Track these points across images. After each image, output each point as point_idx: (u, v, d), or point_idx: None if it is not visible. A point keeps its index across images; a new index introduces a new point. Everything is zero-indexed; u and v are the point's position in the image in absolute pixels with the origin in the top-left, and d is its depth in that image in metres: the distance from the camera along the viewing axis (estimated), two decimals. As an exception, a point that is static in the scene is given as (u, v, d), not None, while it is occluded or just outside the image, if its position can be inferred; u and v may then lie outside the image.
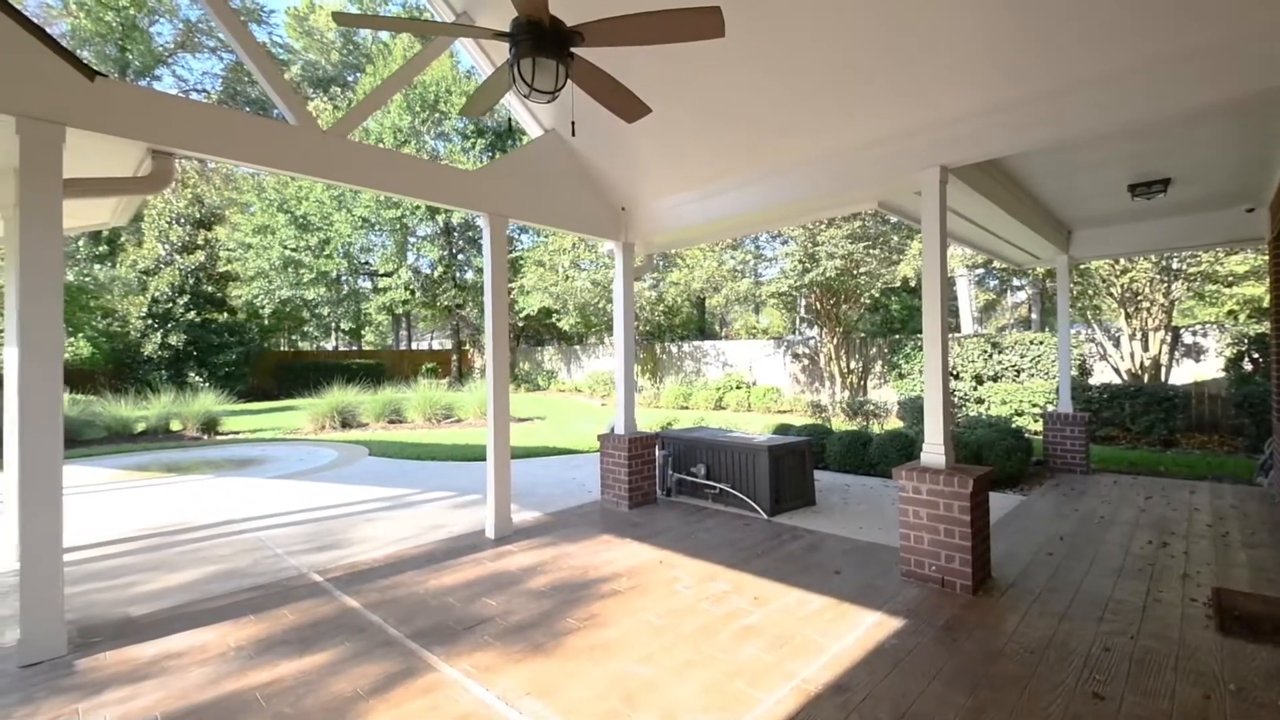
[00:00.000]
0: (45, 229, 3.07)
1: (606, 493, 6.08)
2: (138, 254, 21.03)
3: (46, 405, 3.09)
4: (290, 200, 21.33)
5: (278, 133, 3.88)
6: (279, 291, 21.50)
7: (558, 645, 3.10)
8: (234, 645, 3.17)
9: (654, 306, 18.98)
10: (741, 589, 3.81)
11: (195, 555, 4.71)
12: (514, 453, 9.41)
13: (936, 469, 3.79)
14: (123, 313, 20.28)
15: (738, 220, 5.42)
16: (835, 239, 12.46)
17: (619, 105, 2.77)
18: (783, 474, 5.72)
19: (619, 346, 6.15)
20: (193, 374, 20.16)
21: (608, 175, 5.70)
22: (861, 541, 4.76)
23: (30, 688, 2.75)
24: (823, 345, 15.56)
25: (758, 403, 16.01)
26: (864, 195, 4.64)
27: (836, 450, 7.66)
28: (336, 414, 12.64)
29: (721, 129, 4.69)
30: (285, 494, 6.87)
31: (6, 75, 2.91)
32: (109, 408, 12.75)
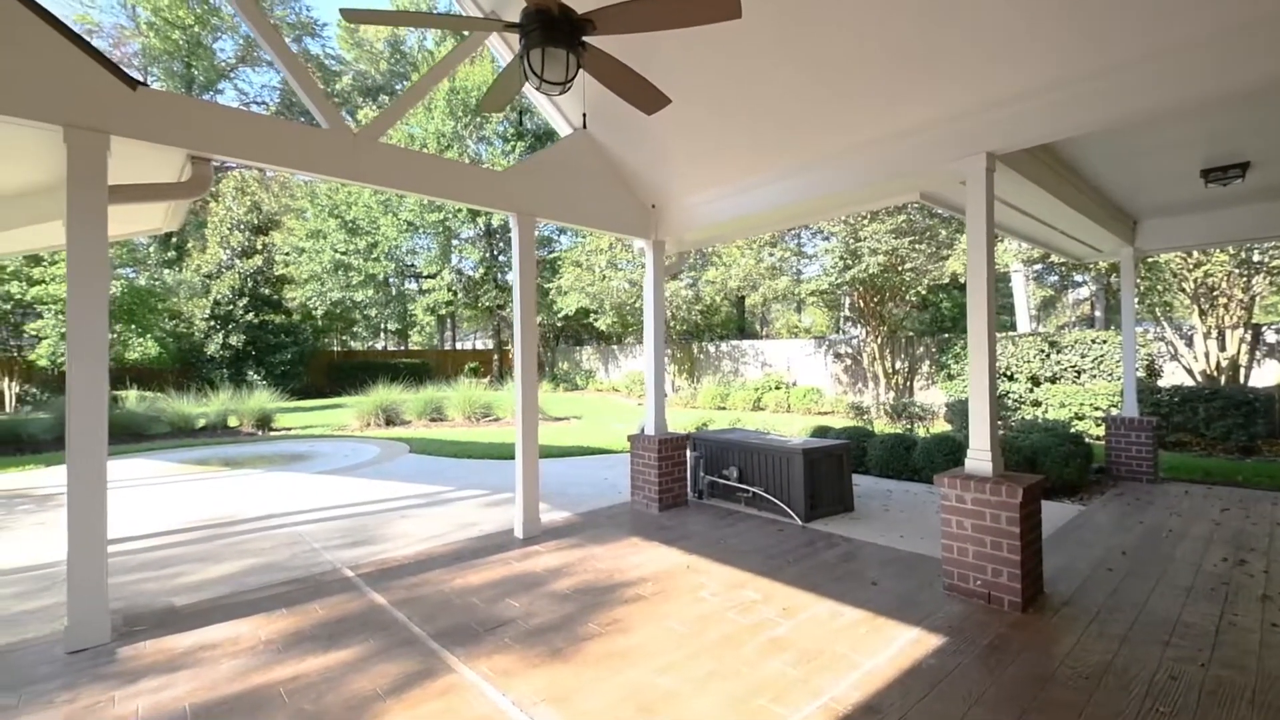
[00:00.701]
0: (91, 233, 3.20)
1: (636, 494, 6.01)
2: (201, 259, 22.23)
3: (92, 404, 3.22)
4: (340, 205, 22.14)
5: (310, 137, 3.96)
6: (330, 293, 22.36)
7: (577, 651, 3.04)
8: (264, 638, 3.23)
9: (691, 306, 18.80)
10: (770, 598, 3.67)
11: (238, 548, 4.87)
12: (548, 452, 9.47)
13: (983, 476, 3.55)
14: (188, 314, 21.50)
15: (772, 215, 5.25)
16: (878, 234, 12.01)
17: (637, 96, 2.69)
18: (818, 478, 5.51)
19: (649, 346, 6.06)
20: (251, 373, 21.18)
21: (638, 172, 5.62)
22: (902, 551, 4.52)
23: (73, 673, 2.87)
24: (866, 345, 15.07)
25: (797, 404, 15.64)
26: (904, 186, 4.41)
27: (878, 454, 7.36)
28: (381, 412, 13.00)
29: (754, 122, 4.55)
30: (327, 489, 7.08)
31: (54, 87, 3.05)
32: (173, 404, 13.48)
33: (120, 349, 18.51)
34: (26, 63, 2.99)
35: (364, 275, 22.19)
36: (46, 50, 3.04)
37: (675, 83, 4.46)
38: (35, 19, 3.01)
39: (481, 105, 2.91)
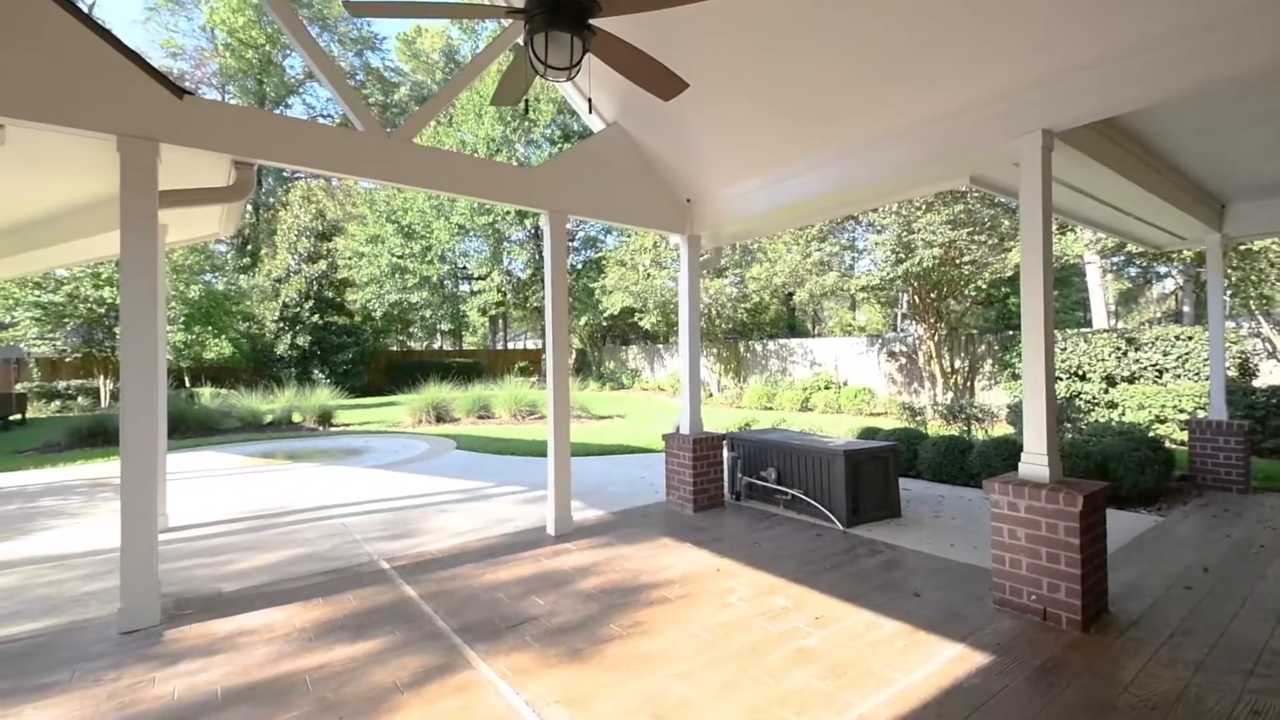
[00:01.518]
0: (143, 236, 3.37)
1: (671, 494, 5.91)
2: (272, 264, 23.61)
3: (144, 401, 3.39)
4: (397, 211, 23.03)
5: (345, 139, 4.07)
6: (388, 295, 23.29)
7: (596, 652, 2.97)
8: (298, 626, 3.33)
9: (736, 304, 18.48)
10: (802, 606, 3.49)
11: (286, 537, 5.08)
12: (588, 450, 9.49)
13: (1038, 483, 3.27)
14: (260, 317, 22.87)
15: (811, 205, 5.03)
16: (933, 225, 11.39)
17: (652, 81, 2.59)
18: (862, 481, 5.25)
19: (684, 343, 5.94)
20: (317, 371, 22.31)
21: (672, 166, 5.52)
22: (950, 561, 4.24)
23: (122, 653, 3.03)
24: (922, 343, 14.38)
25: (848, 404, 15.11)
26: (952, 171, 4.12)
27: (930, 457, 6.97)
28: (432, 409, 13.40)
29: (790, 108, 4.36)
30: (376, 483, 7.32)
31: (107, 98, 3.23)
32: (243, 401, 14.34)
33: (198, 349, 19.85)
34: (83, 77, 3.18)
35: (419, 278, 23.01)
36: (100, 64, 3.22)
37: (706, 73, 4.35)
38: (89, 33, 3.20)
39: (494, 99, 2.89)
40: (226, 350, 21.27)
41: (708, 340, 20.31)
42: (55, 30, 3.12)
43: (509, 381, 16.72)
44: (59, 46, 3.13)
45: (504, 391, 14.19)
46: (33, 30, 3.07)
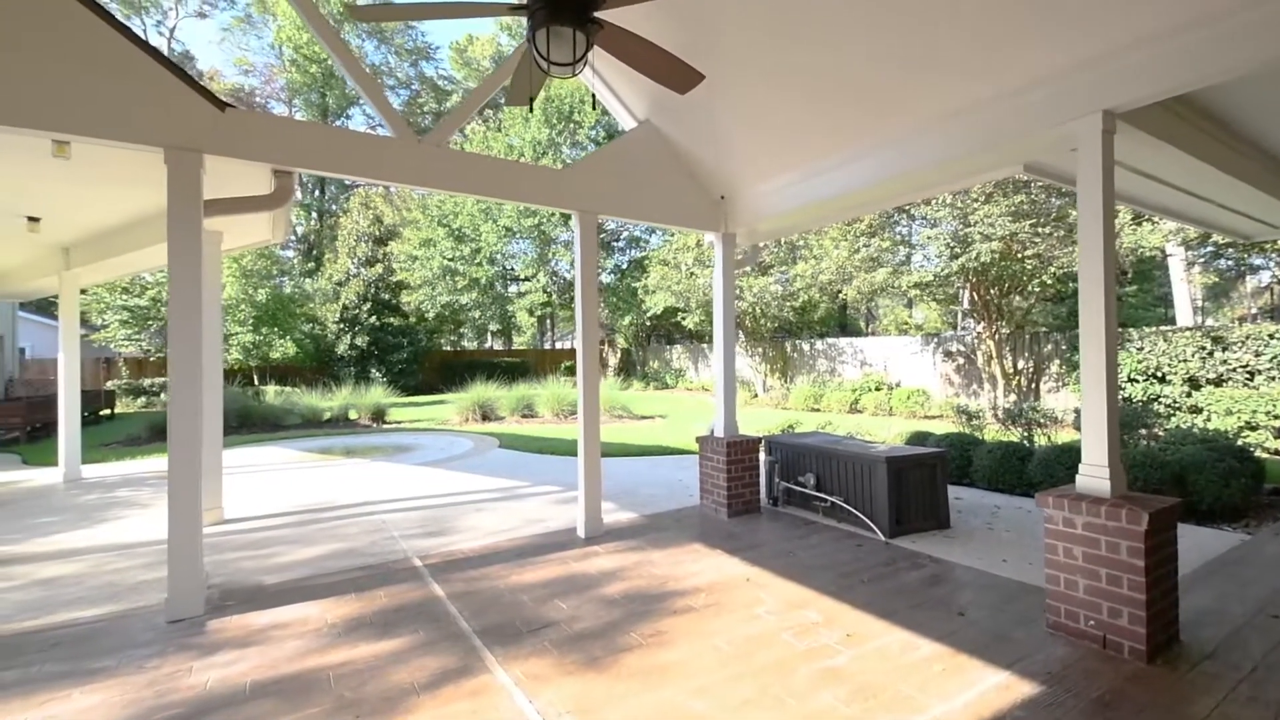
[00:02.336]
0: (189, 242, 3.53)
1: (705, 498, 5.78)
2: (333, 268, 24.75)
3: (188, 400, 3.55)
4: (448, 215, 23.72)
5: (378, 146, 4.16)
6: (439, 297, 24.01)
7: (613, 661, 2.91)
8: (329, 621, 3.41)
9: (782, 302, 18.05)
10: (834, 621, 3.32)
11: (329, 532, 5.25)
12: (627, 450, 9.45)
13: (1097, 497, 2.99)
14: (322, 318, 24.01)
15: (852, 199, 4.79)
16: (991, 217, 10.73)
17: (666, 74, 2.50)
18: (906, 489, 4.98)
19: (718, 343, 5.80)
20: (374, 370, 23.22)
21: (705, 162, 5.39)
22: (1002, 578, 3.95)
23: (166, 642, 3.18)
24: (981, 342, 13.64)
25: (900, 406, 14.49)
26: (1003, 159, 3.83)
27: (986, 464, 6.57)
28: (478, 407, 13.70)
29: (827, 97, 4.16)
30: (419, 480, 7.51)
31: (155, 113, 3.40)
32: (304, 398, 15.07)
33: (265, 349, 21.01)
34: (134, 93, 3.36)
35: (468, 279, 23.61)
36: (149, 80, 3.40)
37: (740, 66, 4.22)
38: (138, 51, 3.37)
39: (508, 100, 2.87)
40: (291, 350, 22.43)
41: (753, 339, 19.95)
42: (109, 51, 3.31)
43: (553, 381, 16.93)
44: (113, 66, 3.31)
45: (547, 391, 14.35)
46: (90, 52, 3.26)
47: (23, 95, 3.11)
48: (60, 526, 5.47)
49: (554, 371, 23.10)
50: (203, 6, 30.97)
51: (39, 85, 3.14)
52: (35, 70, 3.12)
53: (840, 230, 13.42)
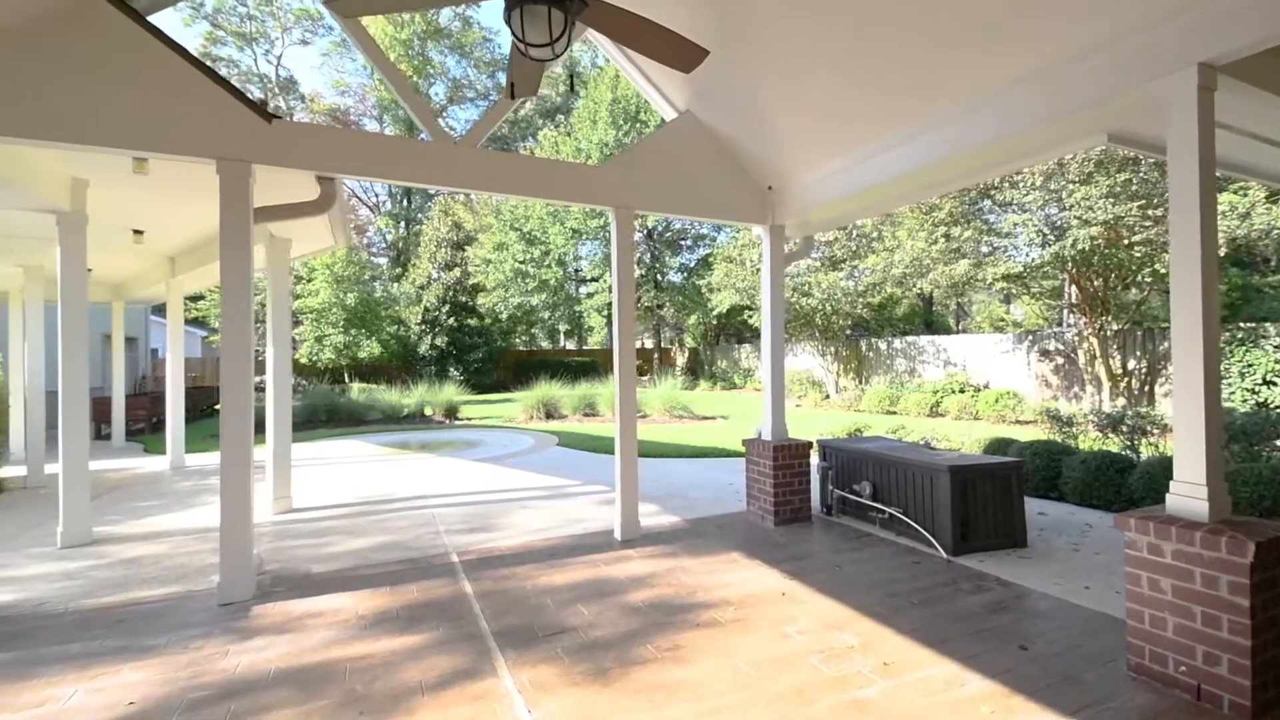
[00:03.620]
0: (239, 248, 3.74)
1: (752, 505, 5.52)
2: (416, 273, 26.21)
3: (240, 397, 3.76)
4: (520, 219, 24.45)
5: (416, 150, 4.25)
6: (512, 299, 24.82)
7: (623, 675, 2.77)
8: (359, 613, 3.50)
9: (855, 298, 17.14)
10: (872, 646, 3.02)
11: (381, 524, 5.46)
12: (682, 452, 9.27)
13: (1191, 521, 2.52)
14: (406, 320, 25.48)
15: (912, 181, 4.37)
16: (1090, 199, 9.58)
17: (666, 53, 2.33)
18: (974, 502, 4.51)
19: (766, 341, 5.51)
20: (453, 369, 24.38)
21: (751, 151, 5.14)
22: (1081, 608, 3.46)
23: (213, 624, 3.38)
24: (1083, 339, 12.30)
25: (986, 410, 13.35)
26: (1082, 128, 3.34)
27: (1077, 477, 5.86)
28: (542, 406, 13.99)
29: (882, 76, 3.80)
30: (475, 475, 7.71)
31: (208, 127, 3.63)
32: (385, 395, 16.00)
33: (354, 349, 22.55)
34: (191, 110, 3.60)
35: (537, 281, 24.24)
36: (202, 95, 3.63)
37: (787, 47, 3.97)
38: (194, 70, 3.61)
39: (509, 94, 2.80)
40: (377, 350, 23.95)
41: (825, 338, 19.13)
42: (170, 72, 3.56)
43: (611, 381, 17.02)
44: (173, 87, 3.56)
45: (608, 390, 14.42)
46: (155, 75, 3.52)
47: (105, 119, 3.40)
48: (155, 510, 6.04)
49: (622, 371, 23.26)
50: (305, 35, 33.72)
51: (115, 109, 3.42)
52: (112, 95, 3.41)
53: (917, 219, 12.52)
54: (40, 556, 4.57)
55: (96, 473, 8.04)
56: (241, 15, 31.45)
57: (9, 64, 3.24)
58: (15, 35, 3.24)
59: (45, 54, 3.30)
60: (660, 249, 24.97)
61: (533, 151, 31.47)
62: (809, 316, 18.29)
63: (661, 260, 25.20)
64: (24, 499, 6.61)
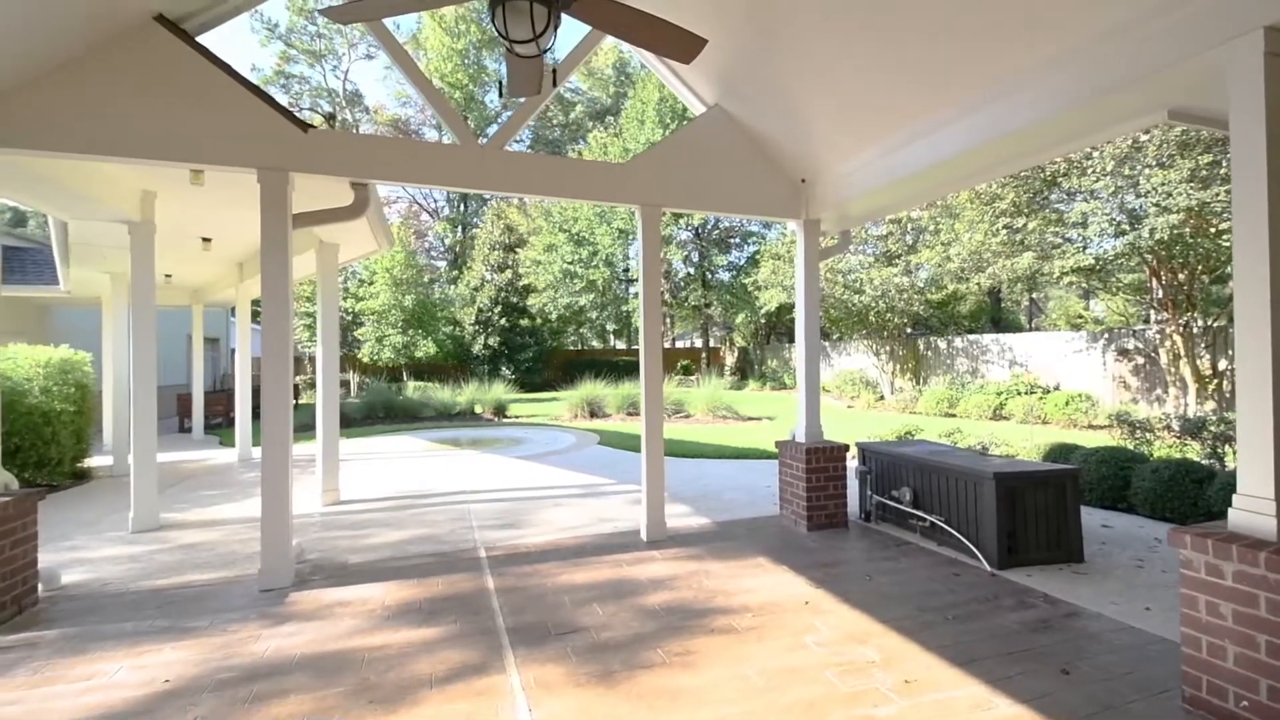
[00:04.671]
0: (279, 254, 3.93)
1: (785, 508, 5.36)
2: (470, 274, 27.02)
3: (279, 396, 3.95)
4: (568, 220, 24.80)
5: (443, 153, 4.35)
6: (560, 299, 25.21)
7: (628, 678, 2.74)
8: (385, 604, 3.61)
9: (911, 294, 16.40)
10: (895, 662, 2.85)
11: (419, 518, 5.64)
12: (722, 453, 9.13)
13: (1256, 539, 2.25)
14: (461, 320, 26.32)
15: (954, 168, 4.07)
16: (1169, 184, 8.74)
17: (664, 45, 2.26)
18: (1023, 512, 4.21)
19: (800, 340, 5.34)
20: (504, 368, 25.00)
21: (782, 144, 4.98)
22: (1138, 631, 3.16)
23: (251, 609, 3.56)
24: (1165, 338, 11.30)
25: (1055, 413, 12.49)
26: (1137, 104, 3.04)
27: (1148, 487, 5.39)
28: (586, 404, 14.13)
29: (921, 55, 3.57)
30: (515, 472, 7.85)
31: (249, 138, 3.83)
32: (438, 393, 16.58)
33: (411, 349, 23.48)
34: (236, 123, 3.81)
35: (585, 282, 24.51)
36: (243, 108, 3.83)
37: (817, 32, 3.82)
38: (238, 85, 3.82)
39: (509, 93, 2.80)
40: (432, 350, 24.85)
41: (879, 337, 18.42)
42: (218, 88, 3.79)
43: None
44: (221, 101, 3.79)
45: (653, 390, 14.40)
46: (203, 92, 3.75)
47: (163, 134, 3.66)
48: (218, 499, 6.47)
49: (670, 370, 23.21)
50: (369, 49, 35.36)
51: (171, 125, 3.67)
52: (168, 112, 3.66)
53: (977, 210, 11.84)
54: (113, 540, 4.97)
55: (173, 463, 8.71)
56: (311, 34, 33.30)
57: (84, 89, 3.53)
58: (84, 62, 3.52)
59: (111, 78, 3.57)
60: (708, 247, 24.73)
61: (579, 154, 31.84)
62: (862, 314, 17.66)
63: (709, 258, 24.96)
64: (110, 486, 7.22)
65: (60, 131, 3.48)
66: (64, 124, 3.49)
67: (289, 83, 34.35)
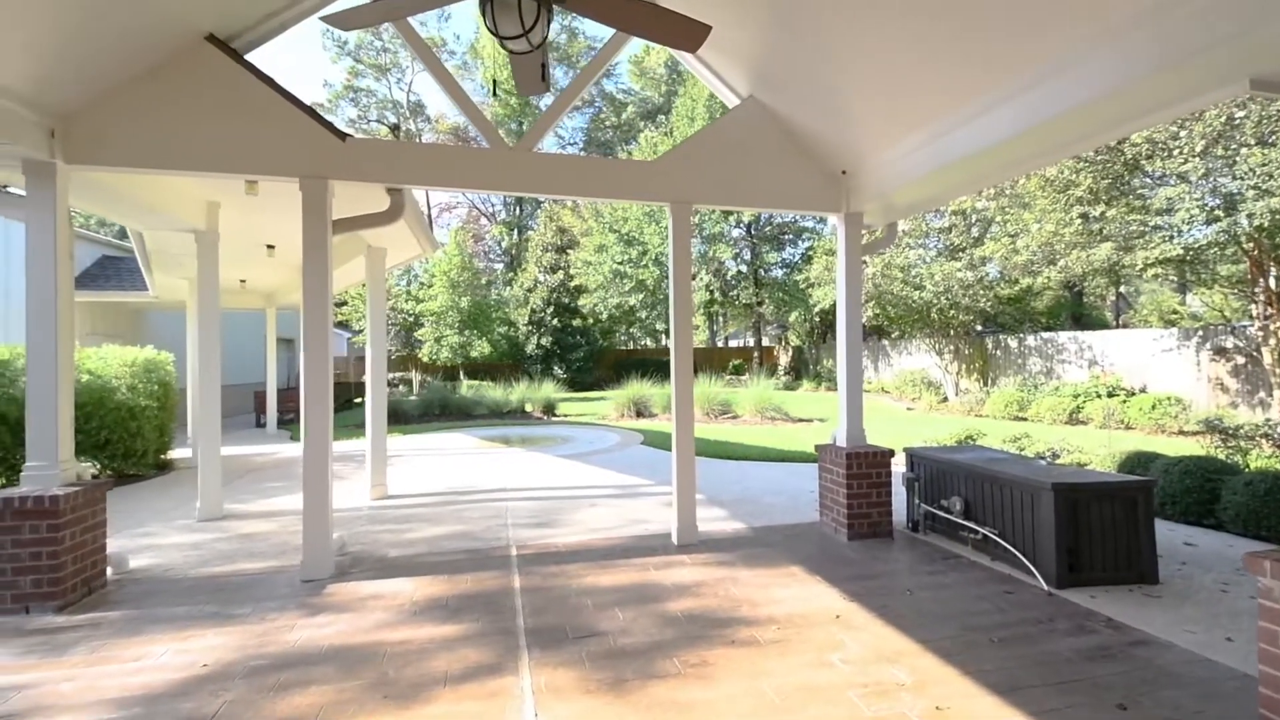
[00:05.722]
0: (320, 258, 4.10)
1: (825, 515, 5.14)
2: (524, 276, 27.62)
3: (319, 395, 4.12)
4: (618, 221, 24.92)
5: (473, 157, 4.42)
6: (611, 299, 25.37)
7: (639, 688, 2.67)
8: (413, 599, 3.70)
9: (977, 290, 15.46)
10: (927, 686, 2.65)
11: (458, 514, 5.77)
12: (767, 455, 8.91)
13: (1357, 571, 1.94)
14: (515, 321, 26.94)
15: (1010, 151, 3.69)
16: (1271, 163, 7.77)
17: (666, 34, 2.17)
18: (1086, 527, 3.85)
19: (841, 338, 5.10)
20: (556, 367, 25.41)
21: (820, 134, 4.77)
22: (1217, 664, 2.82)
23: (291, 598, 3.72)
24: (1270, 335, 10.14)
25: (1140, 418, 11.46)
26: (1216, 73, 2.69)
27: (1240, 502, 4.84)
28: (632, 404, 14.13)
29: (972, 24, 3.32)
30: (555, 470, 7.93)
31: (291, 148, 4.01)
32: (491, 392, 17.02)
33: (466, 349, 24.22)
34: (280, 135, 4.00)
35: (635, 281, 24.55)
36: (286, 120, 4.01)
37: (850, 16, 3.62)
38: (279, 98, 4.00)
39: (520, 91, 2.77)
40: (486, 349, 25.55)
41: (942, 335, 17.49)
42: (266, 102, 3.98)
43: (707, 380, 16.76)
44: (269, 114, 3.98)
45: (699, 389, 14.23)
46: (252, 106, 3.96)
47: (218, 147, 3.89)
48: (279, 492, 6.84)
49: (723, 370, 22.92)
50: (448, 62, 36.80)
51: (225, 138, 3.90)
52: (222, 126, 3.89)
53: (1050, 199, 11.00)
54: (181, 528, 5.34)
55: (245, 456, 9.31)
56: (377, 49, 34.93)
57: (141, 107, 3.79)
58: (141, 82, 3.78)
59: (166, 96, 3.82)
60: (759, 244, 24.24)
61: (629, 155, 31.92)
62: (923, 311, 16.81)
63: (760, 255, 24.45)
64: (188, 477, 7.77)
65: (120, 148, 3.75)
66: (123, 141, 3.75)
67: (357, 96, 36.17)
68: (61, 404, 3.65)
